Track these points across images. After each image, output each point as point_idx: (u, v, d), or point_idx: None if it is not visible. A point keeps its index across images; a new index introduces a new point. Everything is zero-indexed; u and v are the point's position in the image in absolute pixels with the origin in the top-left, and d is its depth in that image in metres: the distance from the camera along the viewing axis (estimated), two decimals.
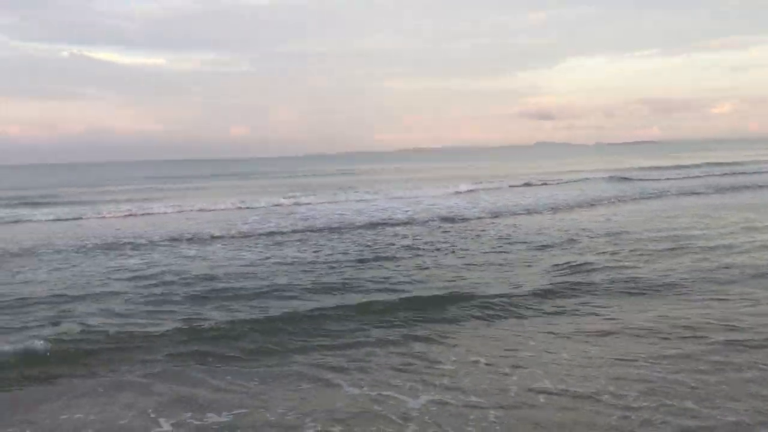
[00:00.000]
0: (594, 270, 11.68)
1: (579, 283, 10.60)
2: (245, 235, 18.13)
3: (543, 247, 14.45)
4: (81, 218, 24.72)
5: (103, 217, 24.89)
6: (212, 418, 5.68)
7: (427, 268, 12.56)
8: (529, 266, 12.50)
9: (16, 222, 23.85)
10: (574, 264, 12.28)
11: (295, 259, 13.87)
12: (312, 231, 18.67)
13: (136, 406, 5.99)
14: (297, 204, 28.62)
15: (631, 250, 13.55)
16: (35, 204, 33.42)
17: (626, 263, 12.21)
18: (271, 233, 18.42)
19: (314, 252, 14.84)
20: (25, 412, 5.94)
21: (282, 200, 30.16)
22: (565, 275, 11.43)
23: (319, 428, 5.54)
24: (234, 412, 5.85)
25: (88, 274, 12.79)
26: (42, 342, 7.52)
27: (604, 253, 13.49)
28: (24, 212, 27.54)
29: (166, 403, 6.04)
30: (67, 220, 24.31)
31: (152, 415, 5.74)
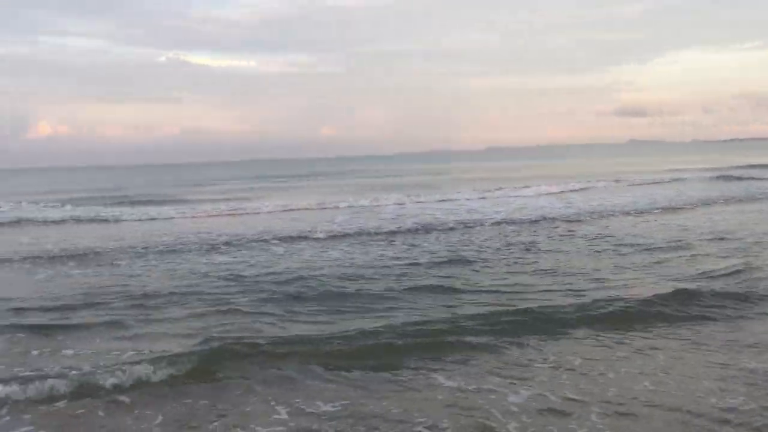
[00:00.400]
0: (709, 276, 10.92)
1: (691, 290, 9.81)
2: (335, 235, 18.09)
3: (648, 251, 13.66)
4: (178, 217, 25.50)
5: (199, 217, 25.59)
6: (321, 407, 6.07)
7: (523, 273, 12.09)
8: (632, 270, 11.81)
9: (117, 221, 24.78)
10: (686, 268, 11.56)
11: (386, 260, 13.70)
12: (402, 231, 18.44)
13: (255, 398, 6.37)
14: (385, 204, 28.55)
15: (750, 255, 12.58)
16: (134, 203, 34.87)
17: (743, 268, 11.30)
18: (360, 233, 18.31)
19: (405, 253, 14.63)
20: (166, 407, 6.25)
21: (370, 200, 30.19)
22: (677, 280, 10.71)
23: (429, 422, 5.67)
24: (341, 402, 6.16)
25: (184, 272, 13.06)
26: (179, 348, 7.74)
27: (714, 256, 12.65)
28: (124, 211, 28.64)
29: (280, 396, 6.36)
30: (164, 219, 25.13)
31: (272, 404, 6.20)
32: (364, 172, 76.82)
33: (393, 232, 18.23)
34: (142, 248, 16.26)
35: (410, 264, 13.10)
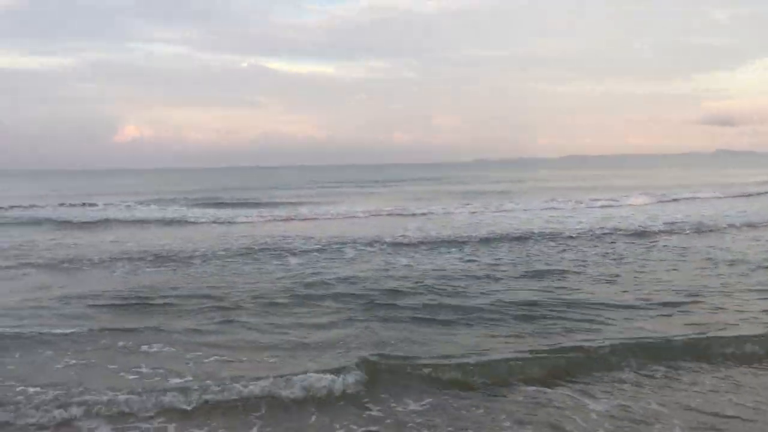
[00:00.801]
0: None
1: None
2: (411, 242, 17.86)
3: (752, 271, 12.63)
4: (256, 220, 25.82)
5: (275, 220, 25.92)
6: (410, 405, 6.47)
7: (609, 288, 11.55)
8: (732, 289, 10.96)
9: (198, 223, 25.26)
10: None
11: (461, 269, 13.44)
12: (478, 241, 17.95)
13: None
14: (461, 211, 28.17)
15: None
16: (216, 205, 35.71)
17: None
18: (435, 241, 17.98)
19: (482, 263, 14.25)
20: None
21: (446, 207, 29.88)
22: None
23: (514, 426, 5.89)
24: (428, 401, 6.51)
25: (259, 274, 13.18)
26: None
27: None
28: (206, 212, 29.28)
29: (368, 396, 6.67)
30: (242, 222, 25.49)
31: (364, 401, 6.58)
32: (440, 179, 76.26)
33: (467, 242, 17.75)
34: (221, 250, 16.48)
35: (489, 275, 12.71)
